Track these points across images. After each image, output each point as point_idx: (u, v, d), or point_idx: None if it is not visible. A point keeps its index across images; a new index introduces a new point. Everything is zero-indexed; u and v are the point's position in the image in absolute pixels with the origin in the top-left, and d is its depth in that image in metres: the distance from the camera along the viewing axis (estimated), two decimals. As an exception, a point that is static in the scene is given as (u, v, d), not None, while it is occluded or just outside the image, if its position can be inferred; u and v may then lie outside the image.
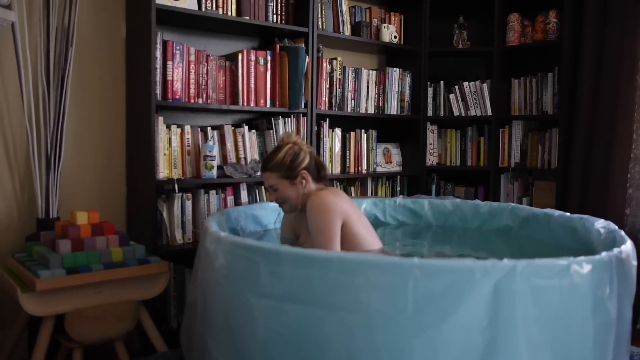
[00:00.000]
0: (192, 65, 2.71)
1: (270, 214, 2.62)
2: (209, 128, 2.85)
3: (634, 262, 1.73)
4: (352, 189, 3.50)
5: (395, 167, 3.73)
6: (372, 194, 3.60)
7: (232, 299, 1.67)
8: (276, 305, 1.56)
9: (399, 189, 3.72)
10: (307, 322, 1.52)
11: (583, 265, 1.51)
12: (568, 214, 2.36)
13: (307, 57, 3.01)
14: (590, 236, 2.13)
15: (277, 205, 2.62)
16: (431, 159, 3.78)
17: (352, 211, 2.13)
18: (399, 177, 3.72)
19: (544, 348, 1.46)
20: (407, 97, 3.68)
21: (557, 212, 2.41)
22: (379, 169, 3.62)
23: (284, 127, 3.01)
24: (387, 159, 3.69)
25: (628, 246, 1.72)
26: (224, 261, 1.70)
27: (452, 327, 1.41)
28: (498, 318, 1.42)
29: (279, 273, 1.56)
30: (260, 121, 3.08)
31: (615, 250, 1.63)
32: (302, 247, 2.14)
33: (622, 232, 1.92)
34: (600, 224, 2.11)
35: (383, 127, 3.73)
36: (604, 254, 1.58)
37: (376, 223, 2.80)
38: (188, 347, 2.08)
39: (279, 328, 1.56)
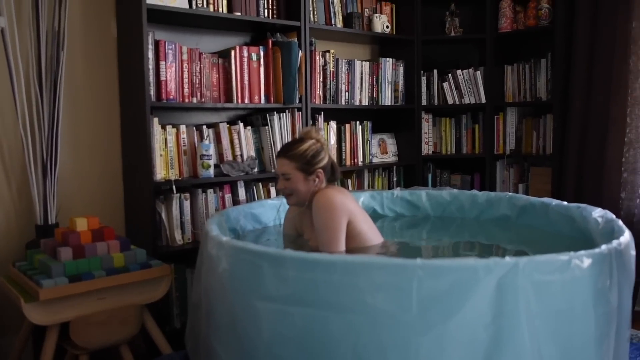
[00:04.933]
0: (185, 64, 2.70)
1: (269, 211, 2.63)
2: (204, 127, 2.84)
3: (633, 252, 1.75)
4: (349, 181, 3.50)
5: (391, 157, 3.73)
6: (368, 186, 3.61)
7: (237, 303, 1.68)
8: (281, 308, 1.57)
9: (395, 179, 3.72)
10: (313, 324, 1.53)
11: (583, 260, 1.52)
12: (565, 202, 2.38)
13: (300, 51, 2.99)
14: (588, 225, 2.14)
15: (275, 202, 2.65)
16: (426, 148, 3.78)
17: (356, 210, 2.15)
18: (395, 167, 3.73)
19: (547, 341, 1.49)
20: (400, 87, 3.68)
21: (555, 201, 2.43)
22: (375, 160, 3.63)
23: (279, 122, 3.01)
24: (382, 149, 3.70)
25: (626, 237, 1.74)
26: (227, 265, 1.71)
27: (457, 324, 1.43)
28: (502, 314, 1.44)
29: (283, 276, 1.56)
30: (255, 117, 3.07)
31: (615, 242, 1.64)
32: (308, 245, 2.19)
33: (620, 222, 1.94)
34: (597, 213, 2.13)
35: (378, 118, 3.73)
36: (603, 247, 1.60)
37: (374, 216, 2.81)
38: (193, 348, 2.10)
39: (285, 330, 1.58)
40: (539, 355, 1.47)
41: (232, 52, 2.85)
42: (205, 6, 2.75)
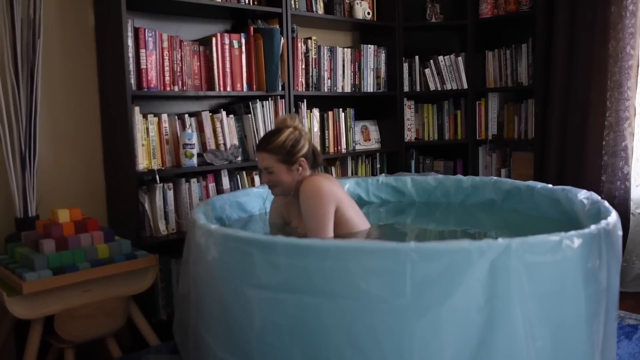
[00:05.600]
0: (165, 52, 2.65)
1: (254, 200, 2.60)
2: (186, 115, 2.80)
3: (620, 233, 1.77)
4: (333, 168, 3.49)
5: (374, 144, 3.73)
6: (352, 173, 3.60)
7: (228, 291, 1.66)
8: (273, 296, 1.56)
9: (378, 166, 3.72)
10: (306, 311, 1.52)
11: (574, 240, 1.53)
12: (550, 185, 2.40)
13: (282, 38, 2.96)
14: (574, 207, 2.16)
15: (260, 191, 2.63)
16: (409, 135, 3.78)
17: (344, 196, 2.13)
18: (378, 154, 3.72)
19: (539, 322, 1.49)
20: (382, 74, 3.66)
21: (540, 184, 2.44)
22: (358, 147, 3.62)
23: (262, 110, 2.98)
24: (365, 136, 3.69)
25: (614, 217, 1.75)
26: (217, 254, 1.68)
27: (451, 308, 1.43)
28: (495, 296, 1.44)
29: (274, 263, 1.54)
30: (237, 106, 3.04)
31: (603, 222, 1.66)
32: (296, 232, 2.17)
33: (606, 203, 1.95)
34: (583, 195, 2.15)
35: (360, 105, 3.72)
36: (593, 227, 1.61)
37: (360, 202, 2.79)
38: (182, 339, 2.07)
39: (277, 318, 1.56)
40: (531, 336, 1.48)
41: (213, 40, 2.80)
42: (185, -8, 2.69)
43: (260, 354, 1.59)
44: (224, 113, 2.89)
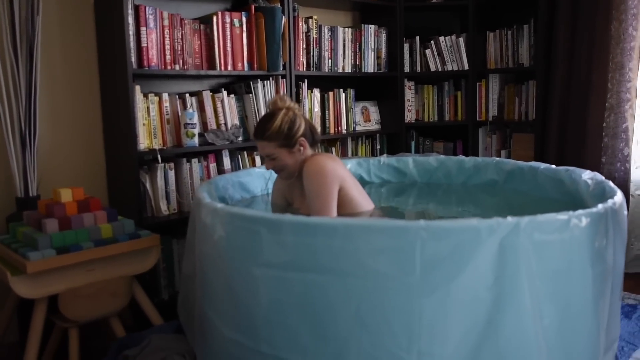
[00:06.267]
0: (166, 30, 2.61)
1: (256, 180, 2.59)
2: (186, 95, 2.77)
3: (625, 212, 1.77)
4: (333, 149, 3.48)
5: (374, 125, 3.71)
6: (352, 154, 3.59)
7: (234, 271, 1.66)
8: (280, 274, 1.55)
9: (378, 147, 3.71)
10: (313, 290, 1.51)
11: (582, 219, 1.53)
12: (554, 166, 2.40)
13: (283, 17, 2.92)
14: (578, 187, 2.16)
15: (262, 171, 2.61)
16: (409, 116, 3.77)
17: (347, 176, 2.12)
18: (378, 135, 3.71)
19: (547, 300, 1.50)
20: (383, 54, 3.64)
21: (543, 165, 2.44)
22: (358, 128, 3.60)
23: (262, 90, 2.95)
24: (365, 117, 3.67)
25: (619, 197, 1.76)
26: (223, 233, 1.67)
27: (460, 286, 1.43)
28: (503, 274, 1.44)
29: (282, 242, 1.53)
30: (238, 85, 3.01)
31: (610, 201, 1.66)
32: (299, 213, 2.16)
33: (611, 183, 1.96)
34: (587, 175, 2.15)
35: (361, 85, 3.69)
36: (600, 206, 1.61)
37: (361, 182, 2.75)
38: (187, 319, 2.07)
39: (284, 297, 1.56)
40: (539, 315, 1.48)
41: (214, 18, 2.76)
42: (185, -31, 2.65)
43: (267, 333, 1.59)
44: (224, 92, 2.87)
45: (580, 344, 1.60)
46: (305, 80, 3.21)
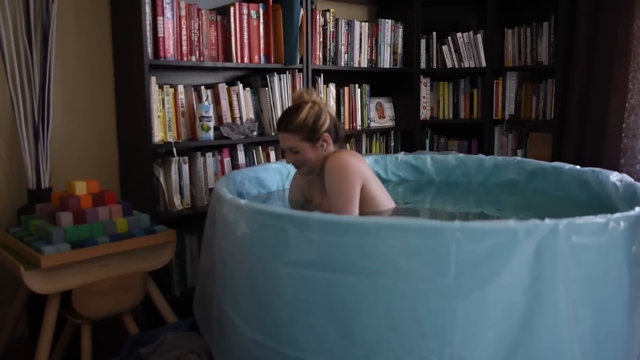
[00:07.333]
0: (183, 21, 2.55)
1: (273, 175, 2.53)
2: (202, 87, 2.71)
3: (660, 215, 1.72)
4: (347, 146, 3.42)
5: (388, 122, 3.65)
6: (366, 151, 3.53)
7: (258, 268, 1.60)
8: (307, 273, 1.49)
9: (393, 144, 3.66)
10: (342, 290, 1.46)
11: (620, 222, 1.48)
12: (579, 167, 2.34)
13: (301, 9, 2.86)
14: (605, 189, 2.11)
15: (279, 166, 2.56)
16: (424, 113, 3.71)
17: (369, 174, 2.07)
18: (392, 132, 3.65)
19: (583, 304, 1.45)
20: (399, 50, 3.58)
21: (567, 165, 2.39)
22: (372, 124, 3.54)
23: (279, 84, 2.89)
24: (380, 113, 3.61)
25: (655, 199, 1.71)
26: (247, 230, 1.62)
27: (495, 289, 1.37)
28: (540, 278, 1.39)
29: (309, 240, 1.48)
30: (254, 78, 2.95)
31: (646, 204, 1.61)
32: (319, 210, 2.11)
33: (641, 185, 1.91)
34: (615, 177, 2.10)
35: (376, 81, 3.63)
36: (637, 209, 1.56)
37: (378, 180, 2.74)
38: (203, 317, 2.02)
39: (311, 296, 1.50)
40: (575, 319, 1.43)
41: (232, 9, 2.71)
42: (203, -42, 2.59)
43: (292, 334, 1.53)
44: (240, 85, 2.81)
45: (614, 349, 1.55)
46: (322, 75, 3.15)
